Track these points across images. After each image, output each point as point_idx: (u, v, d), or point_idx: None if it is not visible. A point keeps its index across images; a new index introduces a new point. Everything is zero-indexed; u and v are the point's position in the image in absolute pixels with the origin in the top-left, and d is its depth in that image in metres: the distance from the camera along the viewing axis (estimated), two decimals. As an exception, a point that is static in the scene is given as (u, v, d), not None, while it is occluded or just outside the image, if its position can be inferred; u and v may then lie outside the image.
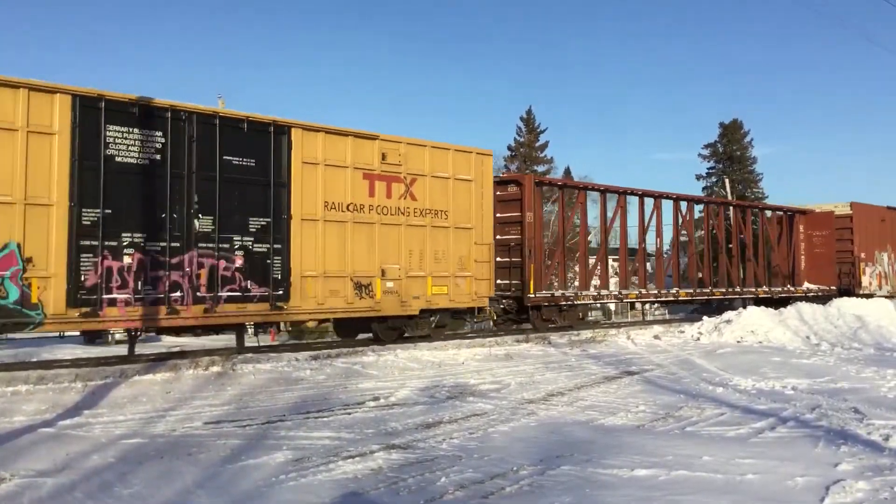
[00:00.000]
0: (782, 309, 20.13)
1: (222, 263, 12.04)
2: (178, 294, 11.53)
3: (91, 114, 10.83)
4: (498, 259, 16.85)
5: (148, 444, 7.07)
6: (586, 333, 17.55)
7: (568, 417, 8.62)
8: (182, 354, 12.91)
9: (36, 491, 5.59)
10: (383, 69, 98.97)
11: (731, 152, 52.79)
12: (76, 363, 11.89)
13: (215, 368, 11.29)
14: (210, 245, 11.89)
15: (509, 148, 47.61)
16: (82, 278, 10.67)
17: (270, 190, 12.57)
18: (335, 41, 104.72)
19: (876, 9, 73.83)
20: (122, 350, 14.05)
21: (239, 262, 12.22)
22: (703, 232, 23.91)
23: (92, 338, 21.83)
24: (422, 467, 6.31)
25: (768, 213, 26.29)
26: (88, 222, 10.76)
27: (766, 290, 24.36)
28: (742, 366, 13.16)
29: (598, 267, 20.75)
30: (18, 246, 10.22)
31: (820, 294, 25.09)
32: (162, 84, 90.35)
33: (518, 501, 5.45)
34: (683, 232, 22.82)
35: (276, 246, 12.60)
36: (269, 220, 12.55)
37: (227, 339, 17.53)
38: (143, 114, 11.31)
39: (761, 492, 5.61)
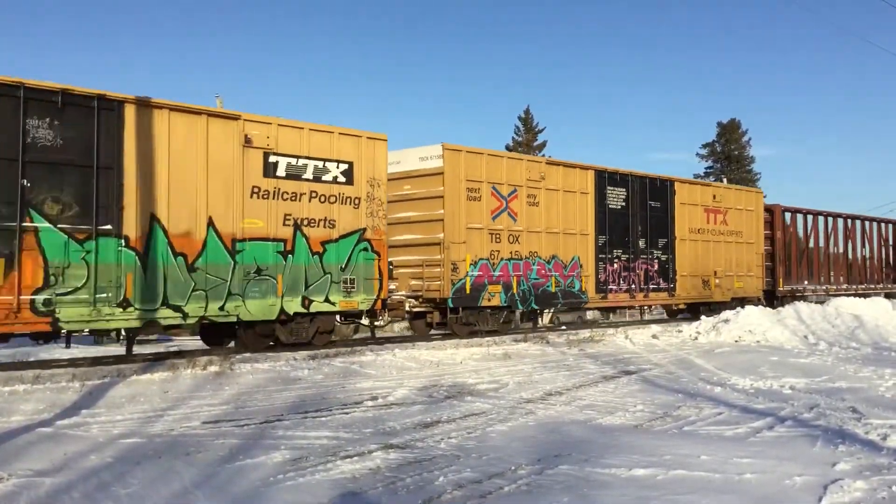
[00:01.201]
0: (780, 308, 20.21)
1: (648, 267, 19.87)
2: (633, 286, 19.46)
3: (601, 181, 18.73)
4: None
5: (146, 444, 7.06)
6: (584, 333, 17.55)
7: (566, 417, 8.62)
8: (180, 354, 12.90)
9: (34, 491, 5.58)
10: (380, 69, 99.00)
11: (729, 152, 52.91)
12: (74, 363, 11.87)
13: (213, 368, 11.26)
14: (644, 256, 19.76)
15: (507, 147, 47.65)
16: (599, 276, 18.55)
17: (667, 220, 20.46)
18: (332, 41, 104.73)
19: (874, 10, 73.93)
20: (120, 350, 14.04)
21: (655, 267, 20.09)
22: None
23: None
24: (420, 467, 6.31)
25: None
26: (601, 244, 18.64)
27: None
28: (740, 365, 13.18)
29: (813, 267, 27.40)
30: (578, 258, 18.06)
31: None
32: (160, 82, 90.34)
33: (516, 500, 5.45)
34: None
35: (669, 256, 20.51)
36: (666, 239, 20.44)
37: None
38: (619, 179, 19.27)
39: (759, 491, 5.61)
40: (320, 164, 13.12)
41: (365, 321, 14.65)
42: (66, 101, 10.46)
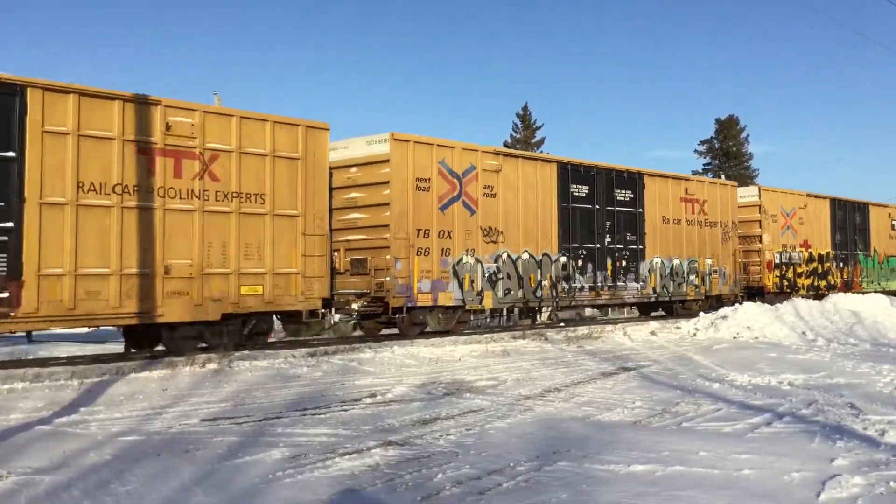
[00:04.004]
0: (778, 305, 20.19)
1: None
2: None
3: None
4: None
5: (145, 442, 7.07)
6: (583, 330, 17.55)
7: (564, 413, 8.63)
8: (178, 352, 12.88)
9: (33, 489, 5.58)
10: (379, 67, 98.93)
11: (727, 148, 52.87)
12: (72, 361, 11.87)
13: (212, 366, 11.26)
14: None
15: (505, 144, 47.60)
16: None
17: None
18: (331, 39, 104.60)
19: (872, 6, 73.85)
20: (119, 347, 14.04)
21: None
22: None
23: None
24: (419, 464, 6.32)
25: None
26: None
27: None
28: (738, 361, 13.20)
29: None
30: None
31: None
32: (158, 80, 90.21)
33: (515, 497, 5.46)
34: None
35: None
36: None
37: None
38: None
39: (757, 487, 5.63)
40: None
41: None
42: None
